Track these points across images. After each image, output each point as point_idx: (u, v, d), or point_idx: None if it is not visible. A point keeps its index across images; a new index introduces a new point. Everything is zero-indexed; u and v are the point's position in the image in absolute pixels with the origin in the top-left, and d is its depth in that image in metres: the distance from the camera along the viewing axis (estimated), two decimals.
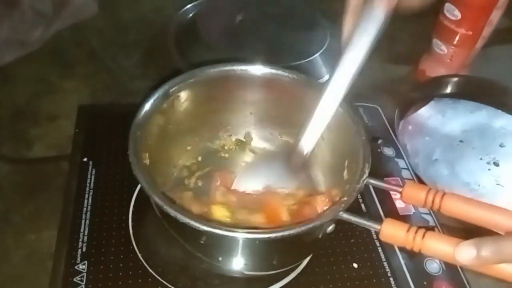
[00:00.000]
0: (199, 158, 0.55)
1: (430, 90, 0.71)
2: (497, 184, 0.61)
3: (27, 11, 0.74)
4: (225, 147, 0.57)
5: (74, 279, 0.46)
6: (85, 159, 0.58)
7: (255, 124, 0.57)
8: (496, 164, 0.63)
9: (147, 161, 0.45)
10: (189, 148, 0.54)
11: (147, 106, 0.47)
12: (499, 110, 0.69)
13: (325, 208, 0.45)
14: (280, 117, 0.55)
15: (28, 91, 0.70)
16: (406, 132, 0.66)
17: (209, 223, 0.38)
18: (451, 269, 0.51)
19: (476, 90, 0.71)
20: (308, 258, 0.50)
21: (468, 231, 0.43)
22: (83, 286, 0.46)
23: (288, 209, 0.48)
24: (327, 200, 0.46)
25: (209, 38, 0.73)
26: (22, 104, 0.68)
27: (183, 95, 0.50)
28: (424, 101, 0.70)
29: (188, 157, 0.55)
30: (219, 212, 0.47)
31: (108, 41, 0.80)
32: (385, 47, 0.78)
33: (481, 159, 0.64)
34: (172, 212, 0.38)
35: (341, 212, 0.41)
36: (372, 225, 0.40)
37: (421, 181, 0.59)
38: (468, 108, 0.70)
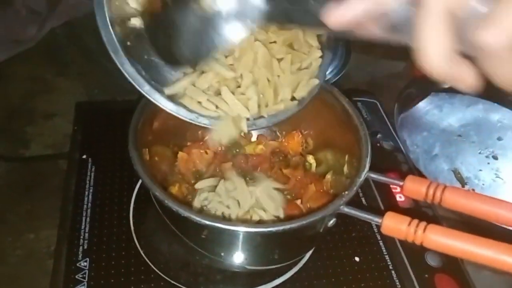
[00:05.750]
0: None
1: (427, 85, 0.71)
2: (497, 177, 0.61)
3: (21, 9, 0.73)
4: None
5: (76, 276, 0.46)
6: (84, 156, 0.57)
7: None
8: (495, 157, 0.64)
9: (147, 156, 0.45)
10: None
11: (147, 101, 0.46)
12: (496, 104, 0.69)
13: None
14: None
15: (23, 89, 0.69)
16: (405, 127, 0.67)
17: (210, 217, 0.38)
18: (452, 262, 0.51)
19: None
20: (310, 253, 0.50)
21: (467, 223, 0.43)
22: (85, 283, 0.46)
23: None
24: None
25: None
26: (18, 103, 0.68)
27: None
28: (422, 96, 0.70)
29: None
30: None
31: None
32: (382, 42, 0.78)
33: (480, 153, 0.64)
34: (174, 207, 0.38)
35: (342, 206, 0.41)
36: (373, 219, 0.40)
37: (420, 174, 0.59)
38: (464, 103, 0.70)
